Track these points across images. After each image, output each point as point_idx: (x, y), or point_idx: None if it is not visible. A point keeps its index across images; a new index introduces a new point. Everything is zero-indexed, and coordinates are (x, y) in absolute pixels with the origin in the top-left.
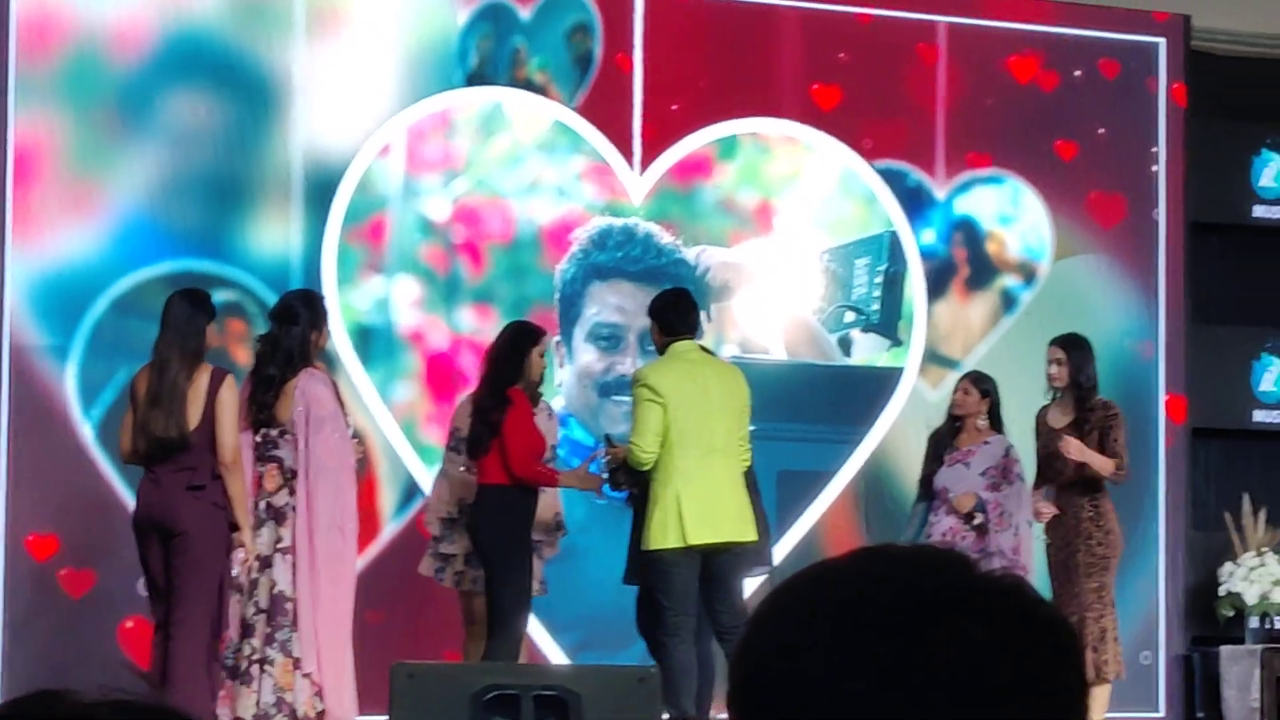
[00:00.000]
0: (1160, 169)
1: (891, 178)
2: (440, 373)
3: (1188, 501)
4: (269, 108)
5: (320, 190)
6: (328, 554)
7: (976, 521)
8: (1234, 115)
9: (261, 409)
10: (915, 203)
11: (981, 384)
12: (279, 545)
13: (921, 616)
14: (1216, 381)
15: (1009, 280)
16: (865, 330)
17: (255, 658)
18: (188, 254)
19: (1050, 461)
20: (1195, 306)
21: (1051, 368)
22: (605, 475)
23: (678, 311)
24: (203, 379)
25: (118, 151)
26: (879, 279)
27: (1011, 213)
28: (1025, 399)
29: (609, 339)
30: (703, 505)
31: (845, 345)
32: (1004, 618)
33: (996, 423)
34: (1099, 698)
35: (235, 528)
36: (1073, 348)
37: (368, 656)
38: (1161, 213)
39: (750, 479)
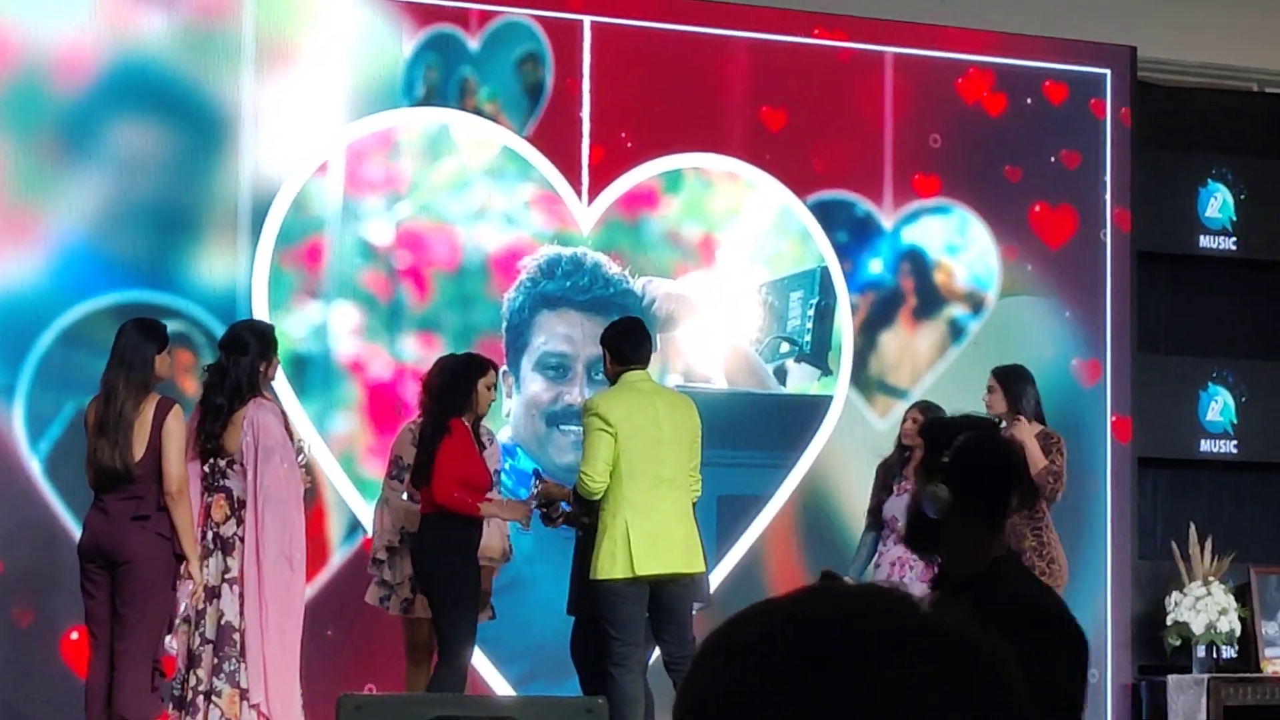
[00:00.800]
0: (1106, 197)
1: (839, 207)
2: (382, 403)
3: (1134, 530)
4: (216, 137)
5: (263, 217)
6: (275, 584)
7: None
8: (1180, 146)
9: (209, 439)
10: (863, 232)
11: (930, 413)
12: (226, 575)
13: (864, 660)
14: (1163, 411)
15: (956, 310)
16: (798, 360)
17: (201, 689)
18: (134, 284)
19: None
20: (1142, 336)
21: (985, 396)
22: (533, 505)
23: (631, 341)
24: (149, 409)
25: (62, 180)
26: (811, 311)
27: (959, 242)
28: None
29: (556, 368)
30: (651, 536)
31: (780, 374)
32: (948, 657)
33: None
34: None
35: (182, 558)
36: (1007, 378)
37: (315, 687)
38: (1108, 240)
39: None
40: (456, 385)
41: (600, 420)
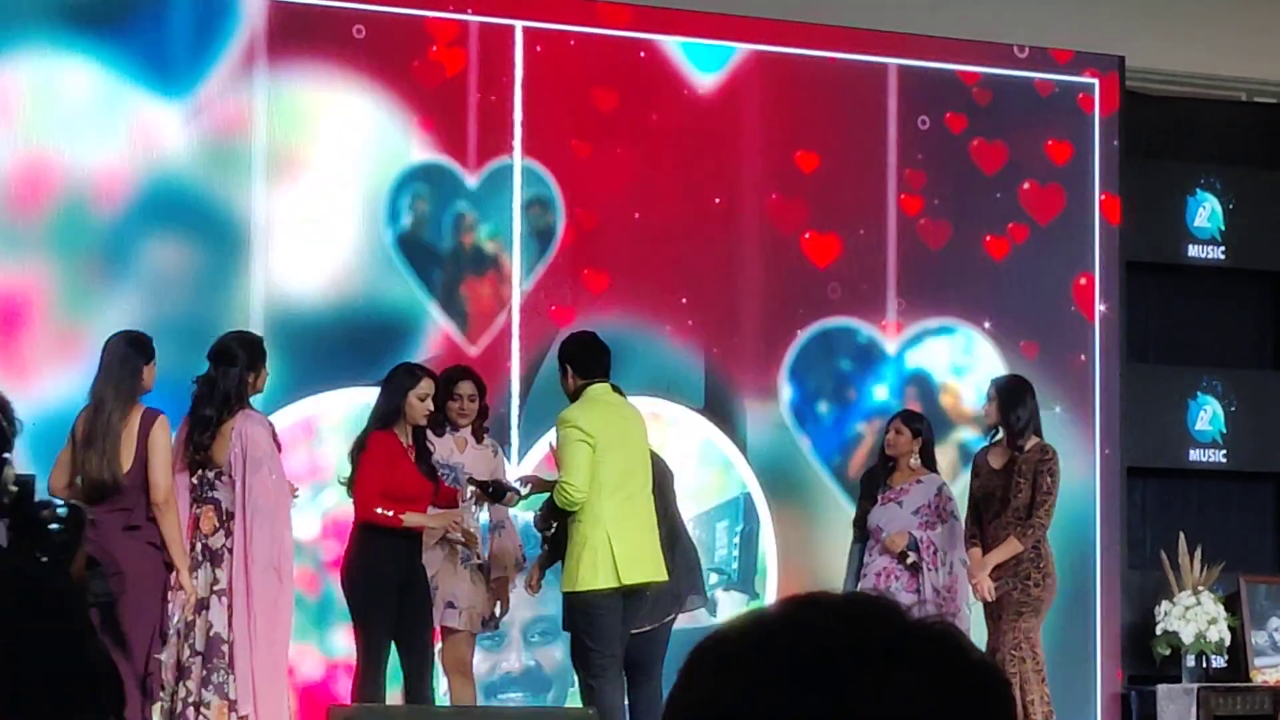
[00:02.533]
0: (1095, 209)
1: (843, 334)
2: None
3: (1124, 540)
4: (232, 250)
5: (279, 327)
6: (264, 596)
7: (910, 560)
8: (1169, 155)
9: (198, 450)
10: (866, 358)
11: (913, 423)
12: (215, 587)
13: (852, 668)
14: (1152, 421)
15: (965, 433)
16: (727, 589)
17: (191, 700)
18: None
19: (988, 502)
20: (1131, 345)
21: (984, 406)
22: (469, 503)
23: (593, 354)
24: (135, 420)
25: (103, 297)
26: (736, 539)
27: (964, 362)
28: None
29: None
30: (632, 546)
31: (712, 606)
32: (934, 666)
33: (929, 462)
34: None
35: (171, 568)
36: (1004, 389)
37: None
38: (1097, 250)
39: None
40: (385, 397)
41: (579, 432)
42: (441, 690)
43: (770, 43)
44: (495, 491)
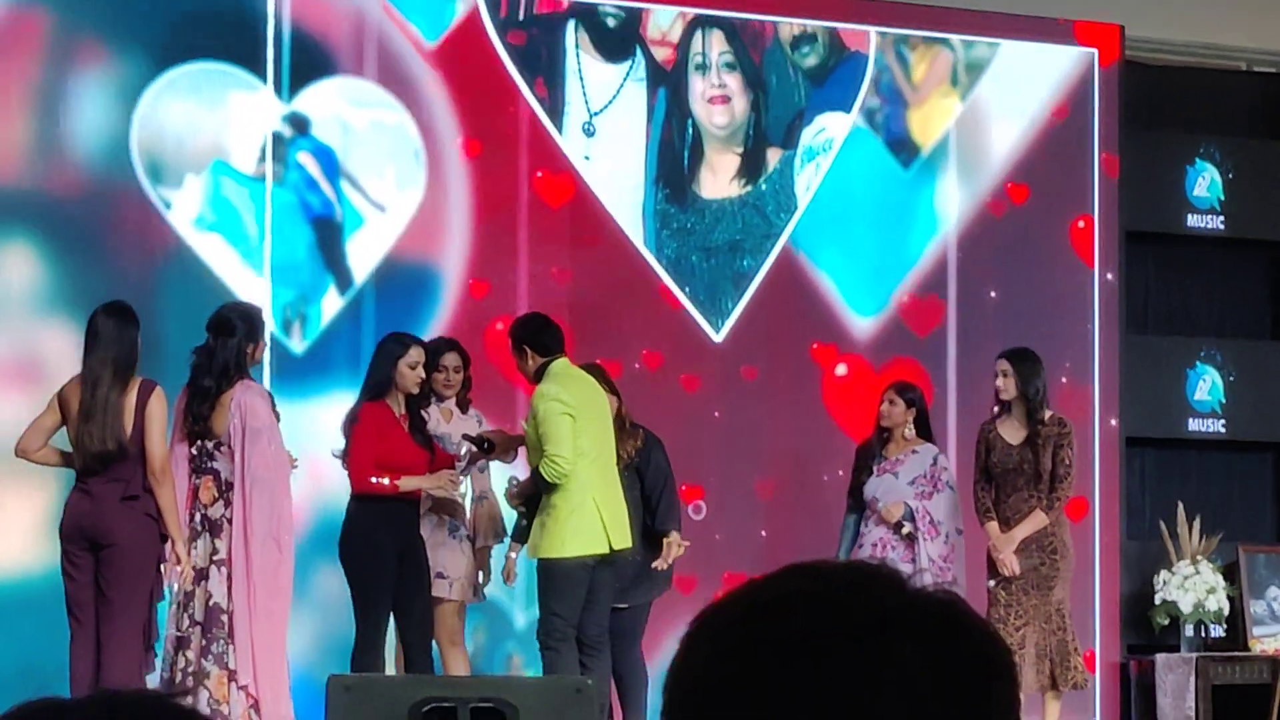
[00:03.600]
0: (1095, 179)
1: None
2: None
3: (1123, 510)
4: None
5: None
6: (263, 566)
7: (905, 530)
8: (1168, 125)
9: (197, 420)
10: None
11: (906, 394)
12: (214, 557)
13: (852, 636)
14: (1151, 391)
15: None
16: None
17: (190, 670)
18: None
19: (1009, 477)
20: (1130, 315)
21: (999, 380)
22: (462, 464)
23: (550, 333)
24: (133, 391)
25: None
26: None
27: None
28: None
29: None
30: (615, 513)
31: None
32: (936, 635)
33: (925, 432)
34: (1052, 707)
35: (166, 539)
36: (1019, 360)
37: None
38: (1097, 220)
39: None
40: (374, 369)
41: (561, 404)
42: None
43: (761, 11)
44: (489, 447)
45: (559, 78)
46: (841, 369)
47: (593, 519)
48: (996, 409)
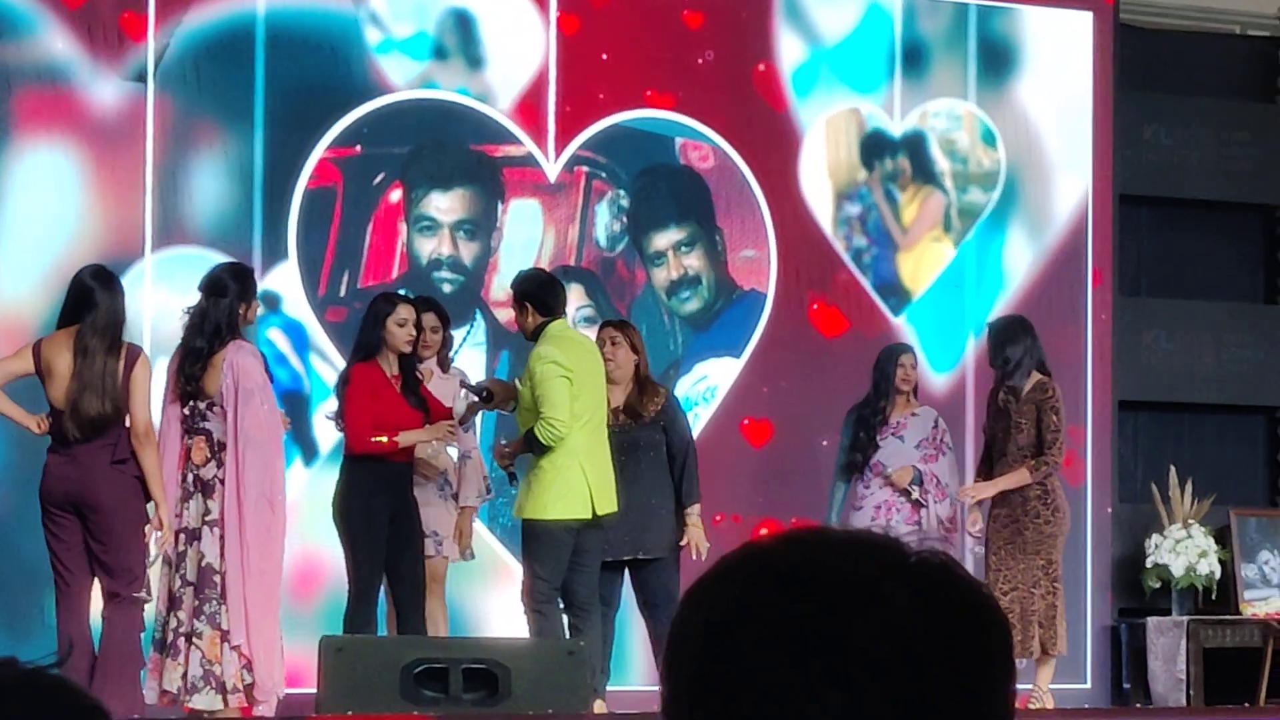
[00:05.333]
0: (1089, 142)
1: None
2: None
3: (1114, 473)
4: None
5: None
6: (256, 526)
7: (914, 495)
8: (1162, 89)
9: (189, 380)
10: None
11: (913, 356)
12: (207, 518)
13: (850, 593)
14: (1144, 354)
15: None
16: None
17: (182, 631)
18: None
19: (994, 443)
20: (1123, 278)
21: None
22: (463, 409)
23: (554, 292)
24: (121, 357)
25: None
26: None
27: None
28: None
29: None
30: (602, 478)
31: None
32: (932, 593)
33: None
34: (1044, 671)
35: (150, 499)
36: (995, 329)
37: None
38: (1090, 183)
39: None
40: (363, 330)
41: (559, 367)
42: None
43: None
44: (488, 396)
45: None
46: None
47: (579, 483)
48: (998, 376)
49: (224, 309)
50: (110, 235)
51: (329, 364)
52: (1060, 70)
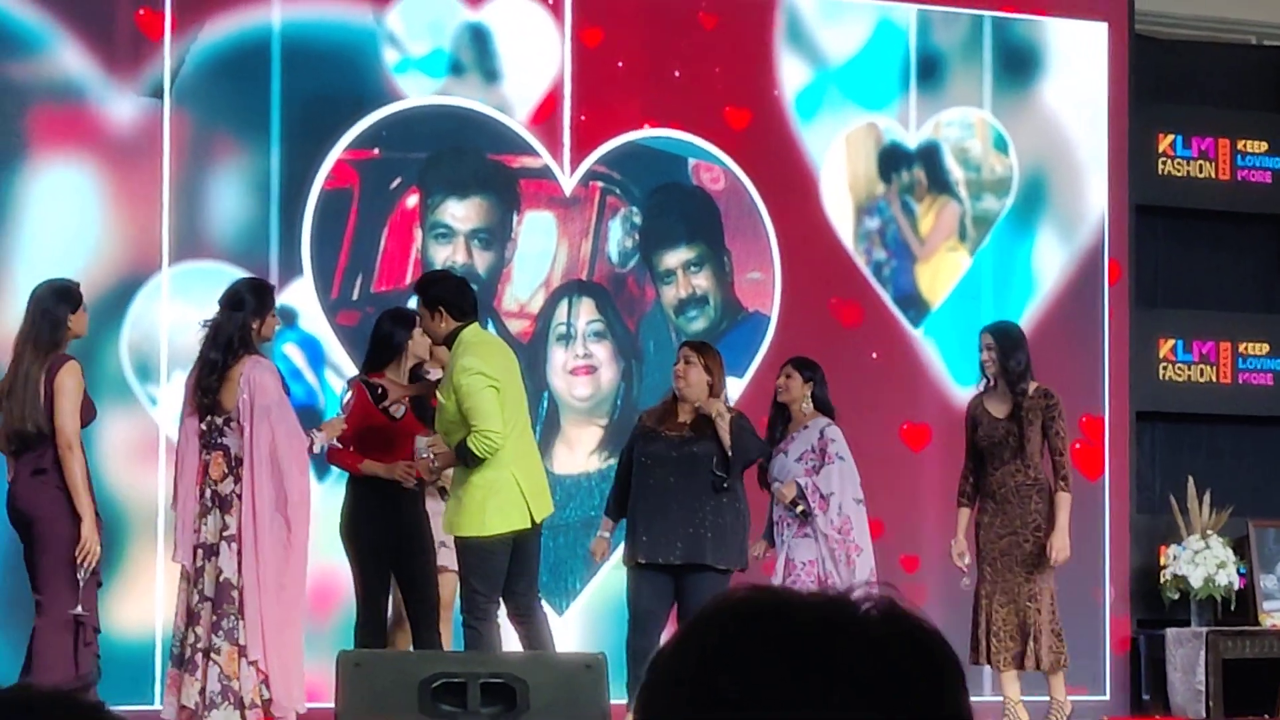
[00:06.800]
0: (1104, 153)
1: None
2: None
3: (1132, 484)
4: None
5: None
6: (273, 542)
7: (800, 509)
8: (1177, 99)
9: (206, 394)
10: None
11: (805, 369)
12: (224, 533)
13: (828, 621)
14: (1160, 365)
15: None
16: None
17: (200, 646)
18: None
19: (996, 450)
20: (1139, 289)
21: (983, 354)
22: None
23: (467, 295)
24: (45, 366)
25: None
26: None
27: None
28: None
29: None
30: (535, 482)
31: None
32: (890, 618)
33: (822, 406)
34: (1057, 683)
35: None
36: (999, 335)
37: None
38: (1105, 195)
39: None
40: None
41: (485, 378)
42: None
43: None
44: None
45: None
46: None
47: (513, 495)
48: (983, 383)
49: (237, 323)
50: (127, 250)
51: (343, 379)
52: (1076, 82)
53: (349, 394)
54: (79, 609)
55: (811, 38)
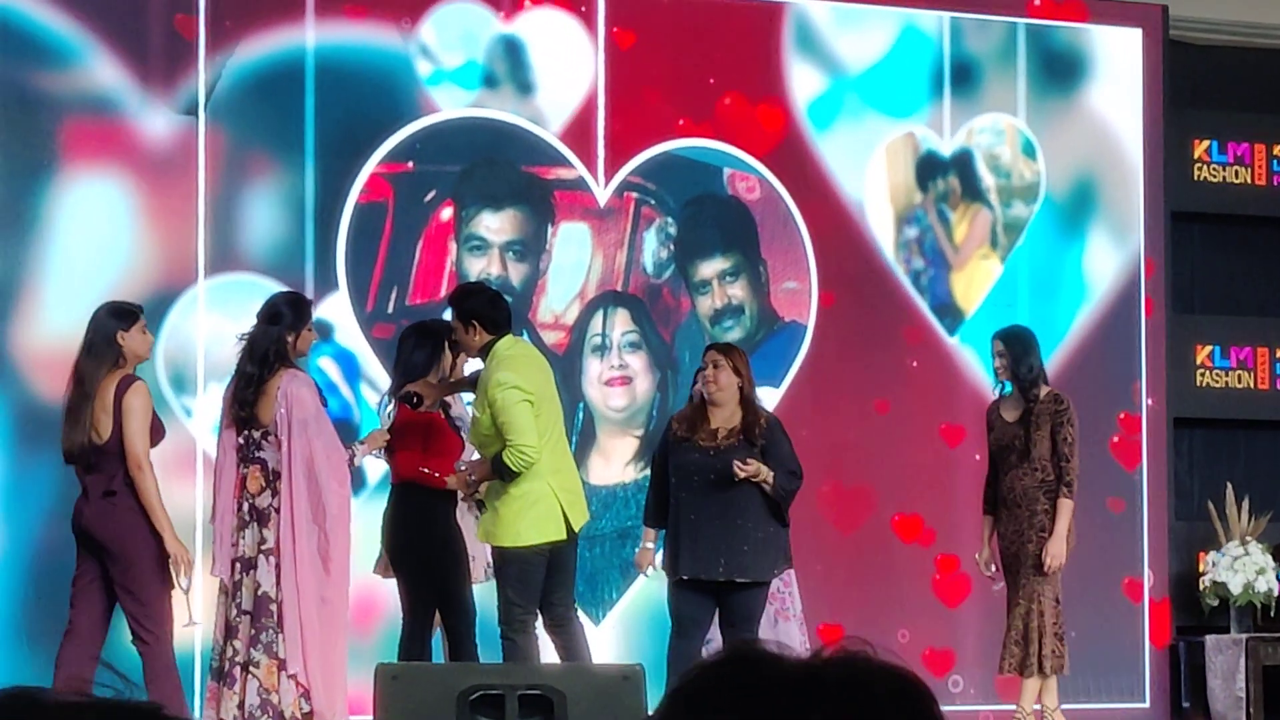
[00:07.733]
0: (1140, 158)
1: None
2: None
3: (1170, 491)
4: None
5: None
6: (311, 555)
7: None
8: (1213, 105)
9: (243, 407)
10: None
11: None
12: (262, 547)
13: (818, 672)
14: (1198, 371)
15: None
16: None
17: (238, 660)
18: None
19: (1005, 454)
20: (1177, 295)
21: (996, 361)
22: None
23: (498, 308)
24: (112, 387)
25: None
26: None
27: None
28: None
29: None
30: (572, 493)
31: None
32: (863, 662)
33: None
34: (1049, 692)
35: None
36: (1010, 340)
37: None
38: (1141, 201)
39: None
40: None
41: (520, 392)
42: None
43: None
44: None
45: None
46: None
47: (551, 506)
48: (1000, 389)
49: (273, 336)
50: (162, 264)
51: (378, 393)
52: (1111, 88)
53: (390, 405)
54: (190, 620)
55: (827, 45)
